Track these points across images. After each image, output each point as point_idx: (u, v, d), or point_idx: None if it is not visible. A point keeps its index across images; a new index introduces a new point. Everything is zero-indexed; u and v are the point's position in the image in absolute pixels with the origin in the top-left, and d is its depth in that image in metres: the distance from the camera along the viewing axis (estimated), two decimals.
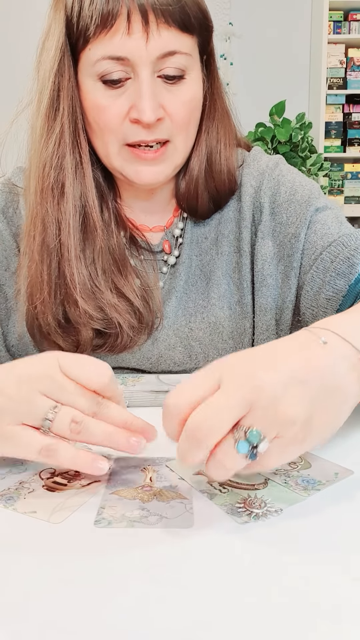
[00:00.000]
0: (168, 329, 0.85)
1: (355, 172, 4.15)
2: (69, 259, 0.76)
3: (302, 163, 3.43)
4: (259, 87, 4.03)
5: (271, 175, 0.85)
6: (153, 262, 0.86)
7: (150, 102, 0.70)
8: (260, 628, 0.34)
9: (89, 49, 0.70)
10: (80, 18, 0.69)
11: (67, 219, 0.76)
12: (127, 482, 0.51)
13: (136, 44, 0.68)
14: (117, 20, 0.67)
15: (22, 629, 0.35)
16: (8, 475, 0.53)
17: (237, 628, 0.34)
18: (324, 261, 0.77)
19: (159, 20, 0.68)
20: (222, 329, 0.85)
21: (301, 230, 0.80)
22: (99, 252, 0.79)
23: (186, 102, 0.74)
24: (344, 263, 0.75)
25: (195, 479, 0.52)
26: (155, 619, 0.35)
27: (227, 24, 4.00)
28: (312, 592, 0.37)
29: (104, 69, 0.70)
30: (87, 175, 0.77)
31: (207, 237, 0.87)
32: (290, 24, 4.08)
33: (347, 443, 0.60)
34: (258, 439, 0.42)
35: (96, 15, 0.67)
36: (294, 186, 0.83)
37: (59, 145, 0.75)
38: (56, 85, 0.74)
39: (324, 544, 0.43)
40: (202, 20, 0.73)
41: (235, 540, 0.43)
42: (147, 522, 0.45)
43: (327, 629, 0.34)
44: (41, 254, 0.77)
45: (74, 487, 0.51)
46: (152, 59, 0.70)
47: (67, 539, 0.44)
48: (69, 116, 0.74)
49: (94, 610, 0.36)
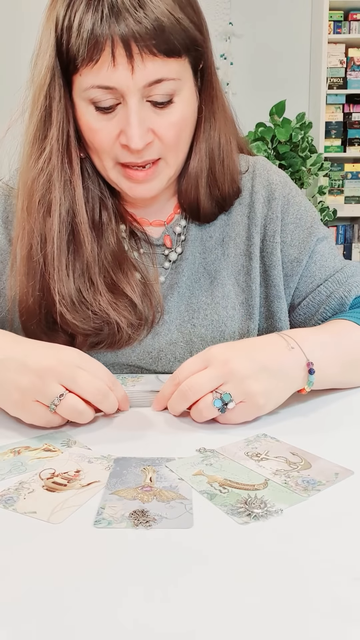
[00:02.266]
0: (170, 324, 0.86)
1: (355, 172, 4.15)
2: (52, 274, 0.78)
3: (302, 163, 3.43)
4: (259, 87, 4.02)
5: (282, 192, 0.89)
6: (152, 256, 0.87)
7: (138, 130, 0.71)
8: (260, 628, 0.34)
9: (79, 74, 0.71)
10: (69, 47, 0.70)
11: (52, 235, 0.77)
12: (127, 482, 0.52)
13: (122, 75, 0.69)
14: (102, 54, 0.68)
15: (22, 628, 0.35)
16: (8, 475, 0.53)
17: (237, 628, 0.34)
18: (320, 294, 0.88)
19: (143, 52, 0.68)
20: (225, 327, 0.86)
21: (304, 257, 0.88)
22: (89, 264, 0.80)
23: (175, 124, 0.75)
24: (338, 301, 0.86)
25: (195, 479, 0.52)
26: (155, 619, 0.35)
27: (227, 24, 3.99)
28: (312, 592, 0.37)
29: (94, 96, 0.71)
30: (77, 192, 0.78)
31: (212, 236, 0.89)
32: (290, 24, 4.08)
33: (347, 443, 0.60)
34: (228, 398, 0.62)
35: (82, 48, 0.68)
36: (301, 210, 0.89)
37: (48, 165, 0.76)
38: (46, 106, 0.74)
39: (324, 544, 0.43)
40: (189, 43, 0.72)
41: (235, 541, 0.43)
42: (147, 522, 0.45)
43: (327, 628, 0.34)
44: (26, 266, 0.79)
45: (74, 487, 0.51)
46: (139, 87, 0.70)
47: (67, 539, 0.44)
48: (59, 137, 0.75)
49: (94, 610, 0.36)
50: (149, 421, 0.66)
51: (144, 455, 0.57)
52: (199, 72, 0.78)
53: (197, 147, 0.82)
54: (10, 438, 0.62)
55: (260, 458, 0.56)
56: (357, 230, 4.23)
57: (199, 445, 0.59)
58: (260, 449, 0.58)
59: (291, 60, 4.12)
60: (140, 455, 0.57)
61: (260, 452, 0.57)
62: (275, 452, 0.57)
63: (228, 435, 0.61)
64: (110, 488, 0.51)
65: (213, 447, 0.58)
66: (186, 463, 0.55)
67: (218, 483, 0.51)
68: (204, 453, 0.57)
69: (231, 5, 4.00)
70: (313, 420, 0.66)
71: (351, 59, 3.97)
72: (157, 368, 0.86)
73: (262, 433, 0.62)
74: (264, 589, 0.38)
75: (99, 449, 0.59)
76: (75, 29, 0.68)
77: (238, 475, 0.53)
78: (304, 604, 0.36)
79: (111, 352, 0.84)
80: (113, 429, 0.64)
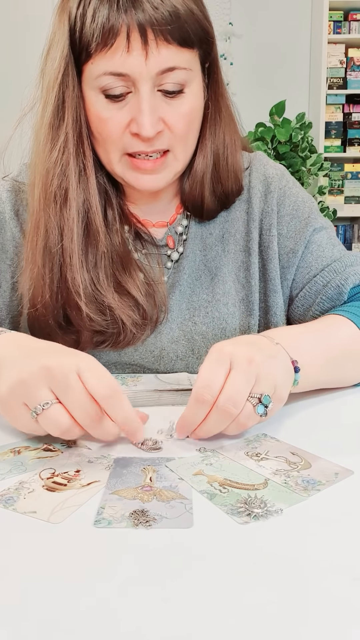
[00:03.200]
0: (172, 322, 0.86)
1: (355, 172, 4.15)
2: (70, 264, 0.78)
3: (302, 163, 3.43)
4: (259, 87, 4.02)
5: (278, 185, 0.89)
6: (157, 257, 0.87)
7: (150, 117, 0.72)
8: (260, 628, 0.34)
9: (91, 62, 0.71)
10: (82, 33, 0.70)
11: (70, 225, 0.77)
12: (127, 482, 0.51)
13: (136, 61, 0.69)
14: (117, 39, 0.68)
15: (22, 628, 0.35)
16: (8, 475, 0.53)
17: (237, 628, 0.34)
18: (316, 284, 0.86)
19: (158, 39, 0.68)
20: (226, 324, 0.86)
21: (299, 247, 0.87)
22: (101, 256, 0.80)
23: (185, 115, 0.75)
24: (334, 290, 0.84)
25: (195, 479, 0.52)
26: (155, 619, 0.35)
27: (227, 24, 3.99)
28: (312, 592, 0.37)
29: (105, 83, 0.72)
30: (90, 182, 0.78)
31: (212, 233, 0.89)
32: (290, 24, 4.08)
33: (347, 443, 0.60)
34: (268, 401, 0.57)
35: (97, 32, 0.69)
36: (297, 201, 0.89)
37: (63, 154, 0.76)
38: (60, 95, 0.74)
39: (323, 543, 0.43)
40: (202, 34, 0.73)
41: (235, 541, 0.43)
42: (147, 522, 0.45)
43: (327, 629, 0.34)
44: (43, 258, 0.78)
45: (74, 487, 0.51)
46: (152, 75, 0.70)
47: (67, 539, 0.44)
48: (73, 125, 0.75)
49: (94, 610, 0.36)
50: (149, 421, 0.66)
51: (143, 455, 0.57)
52: (206, 69, 0.79)
53: (203, 145, 0.82)
54: (10, 438, 0.61)
55: (260, 458, 0.56)
56: (357, 230, 4.23)
57: (199, 445, 0.59)
58: (260, 449, 0.58)
59: (291, 60, 4.13)
60: (140, 455, 0.57)
61: (260, 452, 0.57)
62: (275, 452, 0.57)
63: (228, 436, 0.61)
64: (110, 488, 0.51)
65: (213, 447, 0.58)
66: (186, 463, 0.55)
67: (218, 483, 0.51)
68: (204, 453, 0.57)
69: (231, 5, 4.00)
70: (313, 420, 0.66)
71: (351, 59, 3.98)
72: (159, 367, 0.86)
73: (262, 433, 0.62)
74: (263, 588, 0.38)
75: (99, 449, 0.59)
76: (90, 15, 0.69)
77: (238, 475, 0.53)
78: (303, 603, 0.36)
79: (114, 352, 0.84)
80: None
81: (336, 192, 4.12)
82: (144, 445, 0.58)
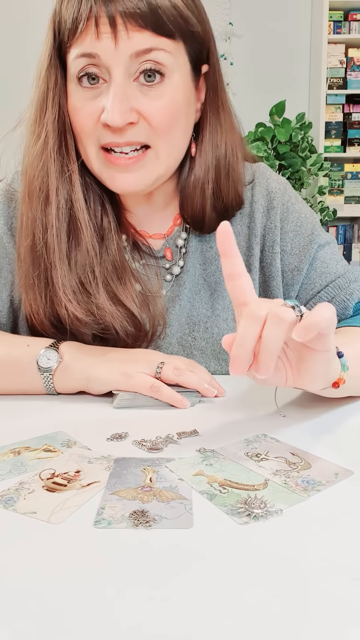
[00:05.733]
0: (171, 337, 0.86)
1: (355, 172, 4.15)
2: (54, 262, 0.77)
3: (302, 163, 3.43)
4: (259, 87, 4.02)
5: (281, 200, 0.88)
6: (156, 268, 0.86)
7: (118, 105, 0.70)
8: (260, 628, 0.34)
9: (69, 52, 0.72)
10: (60, 25, 0.72)
11: (52, 222, 0.76)
12: (127, 482, 0.52)
13: (106, 46, 0.69)
14: (85, 26, 0.69)
15: (22, 628, 0.35)
16: (8, 475, 0.54)
17: (237, 628, 0.34)
18: (320, 300, 0.86)
19: (129, 24, 0.68)
20: None
21: (304, 265, 0.87)
22: (89, 256, 0.78)
23: (164, 107, 0.72)
24: (340, 305, 0.85)
25: (195, 480, 0.52)
26: (155, 619, 0.35)
27: (227, 24, 3.99)
28: (312, 592, 0.37)
29: (78, 66, 0.71)
30: (74, 180, 0.77)
31: (212, 247, 0.88)
32: (290, 24, 4.08)
33: (347, 443, 0.60)
34: (294, 302, 0.54)
35: (69, 21, 0.70)
36: (300, 217, 0.88)
37: (44, 149, 0.76)
38: (44, 89, 0.75)
39: (323, 544, 0.43)
40: (184, 27, 0.72)
41: (235, 541, 0.43)
42: (147, 523, 0.45)
43: (327, 629, 0.34)
44: (30, 256, 0.78)
45: (74, 487, 0.51)
46: (124, 59, 0.69)
47: (67, 539, 0.44)
48: (55, 121, 0.75)
49: (94, 611, 0.36)
50: (149, 421, 0.66)
51: (143, 455, 0.57)
52: (200, 70, 0.78)
53: (203, 152, 0.81)
54: (10, 438, 0.62)
55: (260, 458, 0.56)
56: (357, 230, 4.23)
57: (199, 445, 0.59)
58: (260, 449, 0.58)
59: (291, 60, 4.13)
60: (140, 456, 0.57)
61: (260, 453, 0.57)
62: (275, 453, 0.57)
63: (228, 436, 0.61)
64: (110, 488, 0.51)
65: (213, 448, 0.58)
66: (186, 463, 0.55)
67: (218, 483, 0.51)
68: (204, 453, 0.57)
69: (231, 5, 4.00)
70: (313, 420, 0.66)
71: (351, 59, 3.97)
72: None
73: (262, 433, 0.62)
74: (263, 589, 0.38)
75: (99, 449, 0.59)
76: (65, 6, 0.71)
77: (238, 476, 0.53)
78: (303, 604, 0.36)
79: None
80: (113, 429, 0.64)
81: (336, 192, 4.12)
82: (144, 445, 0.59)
